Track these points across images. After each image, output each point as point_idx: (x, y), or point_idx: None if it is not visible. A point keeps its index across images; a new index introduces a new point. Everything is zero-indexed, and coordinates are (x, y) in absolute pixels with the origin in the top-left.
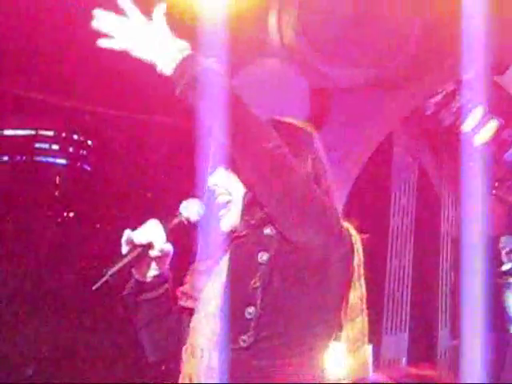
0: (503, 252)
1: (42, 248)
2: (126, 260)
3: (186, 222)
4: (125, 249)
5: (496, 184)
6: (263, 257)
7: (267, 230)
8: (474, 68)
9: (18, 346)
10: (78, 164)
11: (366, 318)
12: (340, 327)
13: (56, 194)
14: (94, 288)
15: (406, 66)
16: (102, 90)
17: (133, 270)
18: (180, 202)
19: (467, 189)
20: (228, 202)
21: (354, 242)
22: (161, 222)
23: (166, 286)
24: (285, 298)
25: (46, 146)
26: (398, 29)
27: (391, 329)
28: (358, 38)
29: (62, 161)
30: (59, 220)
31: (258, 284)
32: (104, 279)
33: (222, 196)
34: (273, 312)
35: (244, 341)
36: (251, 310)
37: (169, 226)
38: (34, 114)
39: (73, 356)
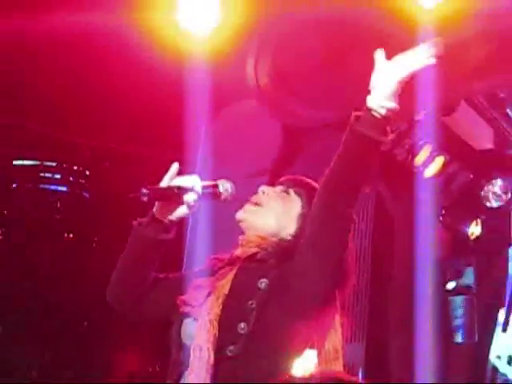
0: (448, 273)
1: (44, 264)
2: (164, 190)
3: (218, 193)
4: (165, 182)
5: (443, 212)
6: (262, 283)
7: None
8: (424, 110)
9: (16, 361)
10: (78, 191)
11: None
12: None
13: (57, 217)
14: (129, 196)
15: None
16: (99, 127)
17: (154, 210)
18: None
19: (418, 216)
20: (257, 204)
21: None
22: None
23: (170, 236)
24: (274, 322)
25: (50, 175)
26: (360, 77)
27: (350, 339)
28: (325, 84)
29: (63, 188)
30: (60, 240)
31: (254, 305)
32: (138, 194)
33: (259, 198)
34: (261, 332)
35: (231, 351)
36: (243, 325)
37: (205, 186)
38: (40, 147)
39: (72, 371)
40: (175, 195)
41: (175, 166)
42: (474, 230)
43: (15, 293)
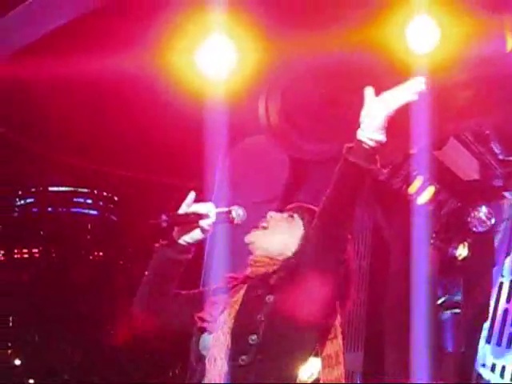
0: (439, 289)
1: (77, 279)
2: (182, 216)
3: (231, 218)
4: (183, 209)
5: (433, 235)
6: (270, 298)
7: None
8: (417, 145)
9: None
10: (107, 215)
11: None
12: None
13: (88, 237)
14: (150, 222)
15: None
16: (127, 159)
17: (174, 234)
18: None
19: (412, 239)
20: (264, 227)
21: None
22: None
23: (189, 257)
24: (280, 334)
25: (82, 200)
26: (357, 116)
27: (350, 348)
28: (326, 122)
29: (94, 212)
30: (91, 258)
31: (263, 319)
32: (159, 220)
33: (266, 223)
34: (270, 342)
35: (243, 360)
36: (254, 337)
37: (220, 212)
38: (74, 176)
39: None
40: (192, 221)
41: (192, 195)
42: (462, 251)
43: (51, 303)
